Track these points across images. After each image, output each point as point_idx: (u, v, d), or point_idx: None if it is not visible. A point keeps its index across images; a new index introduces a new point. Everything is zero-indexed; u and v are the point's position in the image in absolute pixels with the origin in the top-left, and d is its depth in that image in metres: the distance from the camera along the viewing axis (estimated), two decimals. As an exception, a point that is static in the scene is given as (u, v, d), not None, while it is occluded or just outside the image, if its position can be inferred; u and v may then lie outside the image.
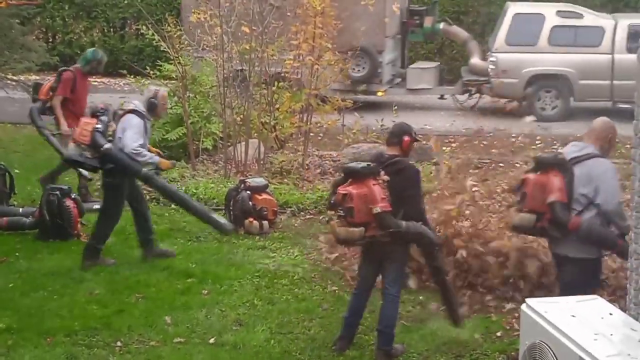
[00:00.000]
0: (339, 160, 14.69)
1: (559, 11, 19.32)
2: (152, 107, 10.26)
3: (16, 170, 13.24)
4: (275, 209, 11.89)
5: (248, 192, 11.67)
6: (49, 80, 13.31)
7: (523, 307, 6.79)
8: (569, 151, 7.79)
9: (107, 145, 9.87)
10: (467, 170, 13.97)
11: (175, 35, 14.59)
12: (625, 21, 19.09)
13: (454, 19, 23.19)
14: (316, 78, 14.28)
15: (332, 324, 8.73)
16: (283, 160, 14.16)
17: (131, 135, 9.93)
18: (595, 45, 18.82)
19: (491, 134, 17.41)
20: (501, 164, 14.85)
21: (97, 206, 11.80)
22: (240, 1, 14.29)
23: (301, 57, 14.26)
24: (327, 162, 14.78)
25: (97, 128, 9.91)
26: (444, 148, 15.80)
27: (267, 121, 14.31)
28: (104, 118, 10.01)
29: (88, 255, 10.21)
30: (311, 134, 15.17)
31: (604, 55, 18.78)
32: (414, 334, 8.59)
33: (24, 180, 13.24)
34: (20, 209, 11.70)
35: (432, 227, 8.49)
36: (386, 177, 7.79)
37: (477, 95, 19.91)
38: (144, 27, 15.25)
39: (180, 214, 12.17)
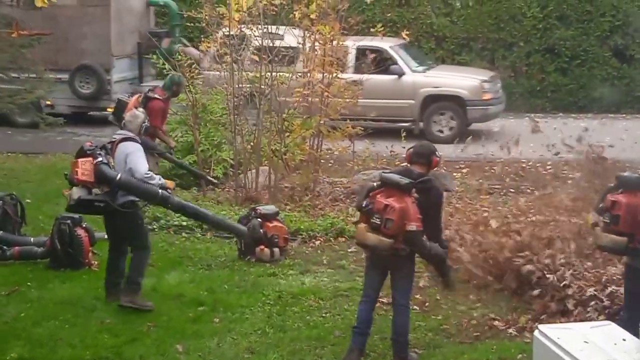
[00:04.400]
0: (349, 187, 14.70)
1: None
2: (147, 131, 10.30)
3: (28, 200, 13.27)
4: (286, 236, 11.88)
5: (259, 219, 11.67)
6: (130, 96, 13.61)
7: (535, 333, 6.77)
8: None
9: (119, 175, 9.41)
10: (478, 195, 14.01)
11: (186, 65, 14.66)
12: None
13: (462, 45, 23.39)
14: (326, 105, 14.31)
15: (344, 352, 8.70)
16: (294, 188, 14.17)
17: (138, 161, 9.54)
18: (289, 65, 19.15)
19: (502, 160, 17.38)
20: (512, 190, 14.84)
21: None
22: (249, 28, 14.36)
23: (311, 85, 14.30)
24: (337, 189, 14.77)
25: (100, 161, 9.40)
26: (454, 174, 15.81)
27: (278, 148, 14.33)
28: (100, 152, 9.50)
29: (130, 292, 9.72)
30: (322, 161, 15.18)
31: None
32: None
33: (36, 210, 13.26)
34: (32, 239, 11.71)
35: (447, 245, 8.82)
36: (416, 195, 8.01)
37: None
38: (154, 57, 15.32)
39: (191, 242, 12.19)
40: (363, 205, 8.12)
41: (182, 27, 22.66)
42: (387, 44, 19.36)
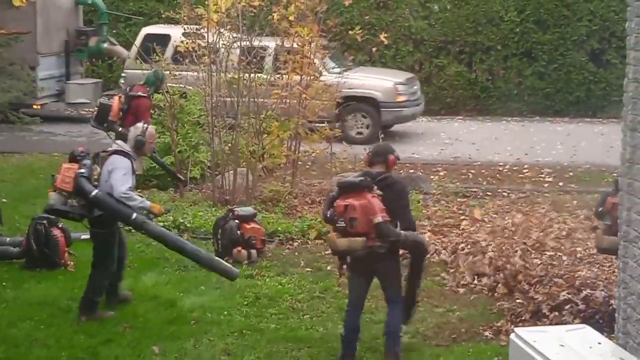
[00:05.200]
0: (327, 189, 14.71)
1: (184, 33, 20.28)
2: (140, 145, 9.54)
3: (4, 200, 13.22)
4: (264, 237, 11.88)
5: (236, 221, 11.66)
6: (110, 98, 13.75)
7: (512, 336, 6.80)
8: None
9: (95, 192, 9.10)
10: (455, 198, 14.09)
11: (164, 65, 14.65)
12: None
13: (440, 48, 23.49)
14: (304, 107, 14.32)
15: (321, 353, 8.72)
16: (272, 190, 14.16)
17: (119, 178, 9.20)
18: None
19: (479, 163, 17.46)
20: (489, 192, 14.91)
21: (85, 236, 11.77)
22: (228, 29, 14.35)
23: (289, 87, 14.31)
24: (315, 191, 14.77)
25: (82, 173, 9.14)
26: (431, 177, 15.86)
27: (256, 150, 14.32)
28: (86, 162, 9.25)
29: (84, 309, 9.55)
30: (299, 163, 15.19)
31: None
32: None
33: (12, 210, 13.20)
34: (7, 239, 11.65)
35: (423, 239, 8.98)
36: (379, 192, 8.09)
37: None
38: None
39: (168, 243, 12.16)
40: (328, 215, 8.24)
41: (109, 25, 22.97)
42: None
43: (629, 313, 7.21)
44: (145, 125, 9.76)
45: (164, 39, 19.69)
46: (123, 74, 20.84)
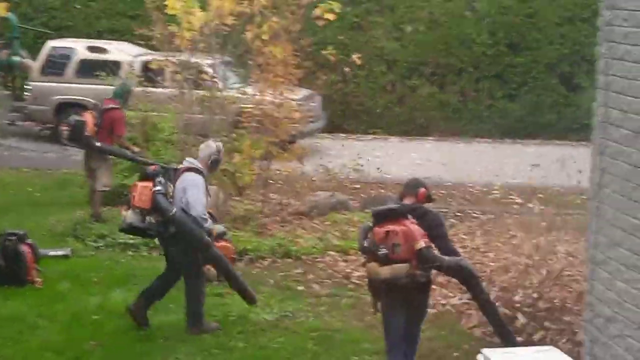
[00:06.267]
0: (298, 208, 14.72)
1: (89, 46, 21.08)
2: (216, 164, 9.80)
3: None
4: (234, 256, 11.79)
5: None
6: (80, 114, 13.85)
7: (478, 357, 6.82)
8: None
9: (174, 210, 9.25)
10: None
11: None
12: (142, 57, 19.83)
13: (413, 69, 23.58)
14: (276, 126, 14.32)
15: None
16: (242, 208, 14.14)
17: (199, 198, 9.35)
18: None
19: (450, 183, 17.52)
20: (458, 213, 14.96)
21: (53, 253, 11.75)
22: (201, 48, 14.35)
23: (262, 105, 14.31)
24: (286, 209, 14.77)
25: (159, 191, 9.28)
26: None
27: (227, 168, 14.29)
28: (160, 179, 9.37)
29: (193, 323, 9.62)
30: (271, 182, 15.18)
31: None
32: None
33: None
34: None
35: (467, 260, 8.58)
36: (414, 221, 7.83)
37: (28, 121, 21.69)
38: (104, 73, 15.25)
39: (137, 260, 12.12)
40: (365, 245, 7.90)
41: (20, 40, 22.92)
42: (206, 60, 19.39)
43: (596, 335, 7.26)
44: (219, 143, 9.90)
45: (70, 52, 20.73)
46: (27, 86, 21.19)
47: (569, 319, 9.44)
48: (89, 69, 20.26)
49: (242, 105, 14.68)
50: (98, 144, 13.28)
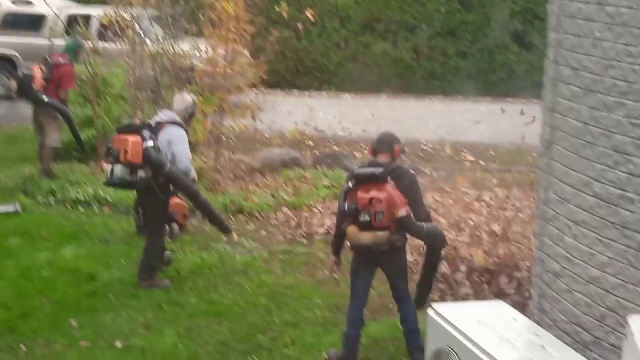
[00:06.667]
0: (250, 165, 14.70)
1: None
2: (191, 117, 10.02)
3: None
4: (186, 212, 11.77)
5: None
6: (29, 68, 13.57)
7: (429, 311, 6.87)
8: None
9: (169, 166, 9.37)
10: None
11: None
12: (67, 10, 19.98)
13: (366, 26, 23.46)
14: (229, 82, 14.24)
15: (242, 328, 8.74)
16: (195, 165, 14.06)
17: (184, 150, 9.53)
18: (36, 30, 20.09)
19: (402, 141, 17.52)
20: (411, 171, 14.97)
21: (2, 208, 11.69)
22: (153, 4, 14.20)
23: (214, 61, 14.21)
24: (239, 166, 14.74)
25: (152, 146, 9.31)
26: (356, 154, 15.92)
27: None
28: (147, 133, 9.36)
29: (144, 275, 9.69)
30: (223, 138, 15.12)
31: (43, 40, 19.82)
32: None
33: None
34: None
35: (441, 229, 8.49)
36: (393, 183, 7.73)
37: None
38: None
39: (88, 216, 12.04)
40: (346, 208, 7.77)
41: None
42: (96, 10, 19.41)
43: (544, 290, 7.34)
44: (193, 96, 10.09)
45: None
46: None
47: (519, 275, 9.57)
48: (13, 22, 20.33)
49: (193, 62, 14.57)
50: (45, 98, 13.13)
